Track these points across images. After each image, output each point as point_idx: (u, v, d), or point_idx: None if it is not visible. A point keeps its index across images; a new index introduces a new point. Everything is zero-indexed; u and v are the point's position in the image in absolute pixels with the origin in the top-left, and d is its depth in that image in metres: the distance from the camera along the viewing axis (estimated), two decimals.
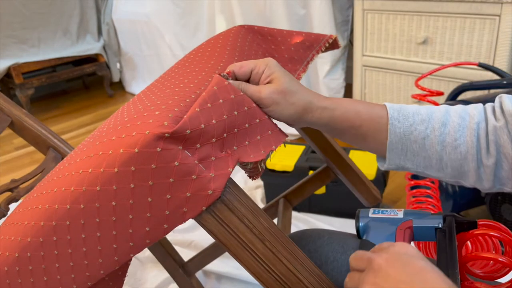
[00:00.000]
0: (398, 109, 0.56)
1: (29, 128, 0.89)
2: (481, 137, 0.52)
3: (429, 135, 0.53)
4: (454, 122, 0.53)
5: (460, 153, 0.53)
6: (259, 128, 0.50)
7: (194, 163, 0.44)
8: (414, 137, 0.54)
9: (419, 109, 0.56)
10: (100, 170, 0.43)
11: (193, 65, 0.66)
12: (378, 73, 1.97)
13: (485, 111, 0.54)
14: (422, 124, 0.54)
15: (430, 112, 0.55)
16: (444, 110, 0.55)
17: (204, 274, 1.33)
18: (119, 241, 0.46)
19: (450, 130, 0.53)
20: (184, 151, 0.43)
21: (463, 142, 0.52)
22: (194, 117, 0.44)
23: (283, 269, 0.45)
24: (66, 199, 0.46)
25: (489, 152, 0.52)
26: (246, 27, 0.83)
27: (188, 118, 0.43)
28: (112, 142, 0.44)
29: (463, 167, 0.53)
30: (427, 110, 0.55)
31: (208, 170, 0.44)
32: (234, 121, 0.48)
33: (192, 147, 0.44)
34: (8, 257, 0.53)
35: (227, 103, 0.47)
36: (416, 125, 0.54)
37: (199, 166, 0.44)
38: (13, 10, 2.79)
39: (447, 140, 0.53)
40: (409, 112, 0.55)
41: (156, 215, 0.44)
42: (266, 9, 2.13)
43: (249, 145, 0.49)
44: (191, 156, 0.43)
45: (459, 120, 0.53)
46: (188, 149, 0.43)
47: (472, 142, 0.52)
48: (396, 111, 0.55)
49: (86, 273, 0.50)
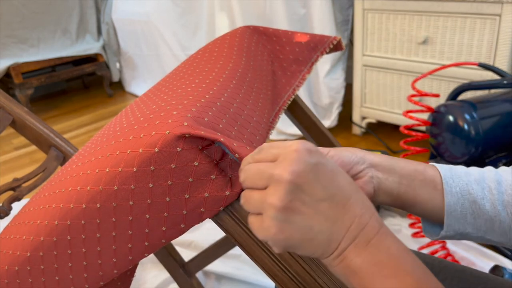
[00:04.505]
0: (449, 168, 0.51)
1: (31, 126, 0.88)
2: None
3: (487, 194, 0.48)
4: (508, 181, 0.49)
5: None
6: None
7: (213, 163, 0.44)
8: (472, 197, 0.48)
9: (467, 169, 0.51)
10: (118, 170, 0.43)
11: (201, 65, 0.66)
12: (378, 73, 1.98)
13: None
14: (477, 183, 0.49)
15: (481, 172, 0.51)
16: (493, 170, 0.51)
17: (204, 274, 1.33)
18: (135, 240, 0.46)
19: (507, 189, 0.48)
20: (204, 151, 0.43)
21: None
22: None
23: (299, 268, 0.45)
24: (81, 198, 0.46)
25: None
26: (251, 27, 0.83)
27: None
28: (130, 141, 0.44)
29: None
30: (477, 170, 0.51)
31: (226, 170, 0.45)
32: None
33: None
34: (19, 257, 0.53)
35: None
36: (471, 184, 0.49)
37: (218, 166, 0.44)
38: (12, 10, 2.78)
39: (506, 199, 0.48)
40: (461, 172, 0.50)
41: (173, 214, 0.44)
42: (266, 9, 2.13)
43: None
44: (210, 156, 0.44)
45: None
46: (207, 149, 0.44)
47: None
48: (448, 170, 0.50)
49: (99, 273, 0.51)
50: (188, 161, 0.42)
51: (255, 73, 0.69)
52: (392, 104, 1.99)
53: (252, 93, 0.61)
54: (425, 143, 1.53)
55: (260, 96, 0.63)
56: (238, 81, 0.60)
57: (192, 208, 0.44)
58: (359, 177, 0.49)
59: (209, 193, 0.44)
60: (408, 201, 0.50)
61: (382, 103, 2.03)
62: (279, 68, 0.80)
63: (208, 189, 0.44)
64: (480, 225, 0.49)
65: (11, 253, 0.54)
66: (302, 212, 0.36)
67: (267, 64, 0.78)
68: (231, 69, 0.62)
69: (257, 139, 0.54)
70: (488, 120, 1.32)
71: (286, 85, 0.78)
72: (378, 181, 0.49)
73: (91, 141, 0.59)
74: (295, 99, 0.89)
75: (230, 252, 1.11)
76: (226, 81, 0.58)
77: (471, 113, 1.32)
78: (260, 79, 0.69)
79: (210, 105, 0.49)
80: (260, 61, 0.75)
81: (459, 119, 1.33)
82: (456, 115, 1.34)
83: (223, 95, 0.53)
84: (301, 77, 0.82)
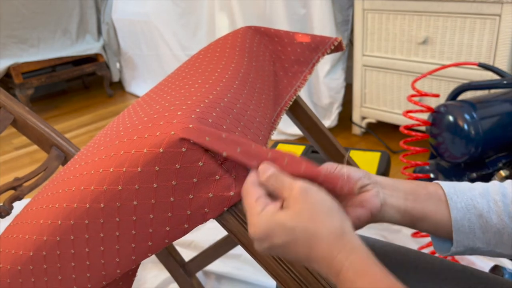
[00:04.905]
0: (452, 185, 0.51)
1: (32, 126, 0.88)
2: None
3: (492, 207, 0.48)
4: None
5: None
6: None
7: (218, 163, 0.44)
8: (478, 211, 0.48)
9: (471, 184, 0.51)
10: (123, 170, 0.43)
11: (204, 66, 0.66)
12: (378, 73, 1.98)
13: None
14: (481, 197, 0.49)
15: (485, 186, 0.51)
16: (498, 183, 0.51)
17: (204, 274, 1.33)
18: (138, 240, 0.47)
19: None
20: (208, 151, 0.44)
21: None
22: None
23: (302, 269, 0.46)
24: (85, 198, 0.46)
25: None
26: (253, 28, 0.83)
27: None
28: (134, 141, 0.44)
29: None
30: (481, 184, 0.51)
31: (230, 170, 0.45)
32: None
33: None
34: (22, 256, 0.53)
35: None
36: (476, 198, 0.49)
37: (222, 167, 0.45)
38: (12, 10, 2.78)
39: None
40: (464, 187, 0.51)
41: (177, 215, 0.45)
42: (266, 9, 2.14)
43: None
44: (214, 156, 0.44)
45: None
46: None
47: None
48: (452, 187, 0.51)
49: (102, 272, 0.51)
50: (193, 162, 0.43)
51: (257, 73, 0.69)
52: (392, 104, 2.00)
53: (254, 94, 0.61)
54: (425, 143, 1.53)
55: (262, 97, 0.64)
56: (241, 82, 0.60)
57: (196, 208, 0.44)
58: (367, 190, 0.50)
59: (213, 194, 0.44)
60: (417, 215, 0.50)
61: (382, 103, 2.03)
62: (280, 69, 0.80)
63: (212, 189, 0.44)
64: (489, 238, 0.48)
65: (14, 253, 0.54)
66: (278, 249, 0.42)
67: (269, 65, 0.78)
68: (233, 70, 0.62)
69: (260, 139, 0.54)
70: (488, 120, 1.32)
71: (287, 85, 0.78)
72: (384, 197, 0.50)
73: (93, 141, 0.59)
74: (296, 99, 0.90)
75: (230, 252, 1.11)
76: (229, 82, 0.58)
77: (471, 113, 1.32)
78: (262, 79, 0.69)
79: (214, 105, 0.49)
80: (262, 62, 0.75)
81: (459, 119, 1.33)
82: (456, 115, 1.34)
83: (227, 96, 0.53)
84: (302, 77, 0.82)
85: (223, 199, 0.44)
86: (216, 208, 0.45)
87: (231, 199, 0.45)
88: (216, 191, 0.44)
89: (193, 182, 0.43)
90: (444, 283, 0.56)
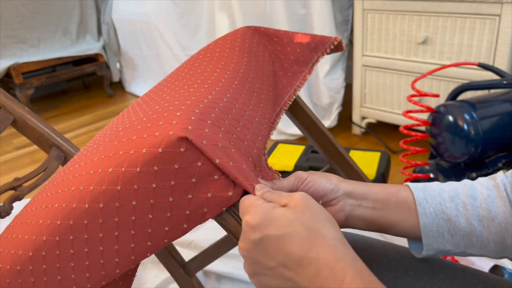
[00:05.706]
0: (423, 188, 0.52)
1: (32, 126, 0.88)
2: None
3: (461, 211, 0.49)
4: (483, 194, 0.50)
5: (499, 225, 0.48)
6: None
7: (216, 163, 0.44)
8: (446, 215, 0.50)
9: (442, 186, 0.52)
10: (121, 170, 0.43)
11: (203, 66, 0.66)
12: (378, 73, 1.98)
13: (506, 176, 0.51)
14: (450, 200, 0.50)
15: (456, 188, 0.51)
16: (468, 184, 0.52)
17: (204, 274, 1.33)
18: (137, 240, 0.47)
19: (482, 203, 0.49)
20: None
21: (499, 212, 0.48)
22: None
23: None
24: (84, 198, 0.46)
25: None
26: (252, 28, 0.83)
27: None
28: (133, 142, 0.44)
29: (506, 240, 0.49)
30: (452, 186, 0.52)
31: None
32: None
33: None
34: (21, 256, 0.53)
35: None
36: (445, 202, 0.50)
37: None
38: (12, 10, 2.78)
39: (481, 214, 0.49)
40: (435, 190, 0.52)
41: (176, 215, 0.45)
42: (266, 9, 2.14)
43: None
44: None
45: (487, 191, 0.50)
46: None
47: (508, 210, 0.48)
48: (421, 190, 0.52)
49: (102, 272, 0.51)
50: (192, 162, 0.43)
51: (257, 73, 0.69)
52: (391, 104, 2.00)
53: (254, 94, 0.61)
54: (425, 143, 1.53)
55: (261, 97, 0.64)
56: (240, 82, 0.60)
57: (195, 209, 0.44)
58: (331, 205, 0.52)
59: (212, 194, 0.44)
60: (384, 225, 0.52)
61: (382, 103, 2.03)
62: (280, 69, 0.80)
63: (211, 189, 0.44)
64: (458, 241, 0.50)
65: (13, 253, 0.54)
66: (265, 274, 0.42)
67: (268, 65, 0.78)
68: (232, 70, 0.62)
69: (259, 139, 0.54)
70: (488, 120, 1.32)
71: (287, 85, 0.78)
72: (350, 208, 0.52)
73: (92, 141, 0.59)
74: (295, 99, 0.90)
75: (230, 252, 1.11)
76: (228, 82, 0.58)
77: (471, 113, 1.32)
78: (261, 79, 0.69)
79: (213, 105, 0.49)
80: (261, 62, 0.75)
81: (459, 119, 1.33)
82: (456, 115, 1.34)
83: (226, 96, 0.53)
84: (302, 77, 0.82)
85: (222, 199, 0.44)
86: (215, 208, 0.45)
87: (229, 199, 0.45)
88: (215, 191, 0.44)
89: (192, 182, 0.43)
90: (444, 283, 0.56)
